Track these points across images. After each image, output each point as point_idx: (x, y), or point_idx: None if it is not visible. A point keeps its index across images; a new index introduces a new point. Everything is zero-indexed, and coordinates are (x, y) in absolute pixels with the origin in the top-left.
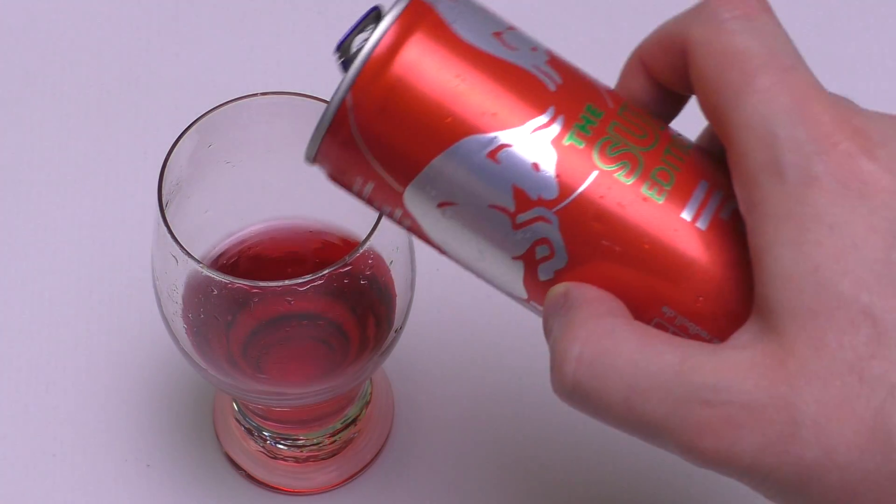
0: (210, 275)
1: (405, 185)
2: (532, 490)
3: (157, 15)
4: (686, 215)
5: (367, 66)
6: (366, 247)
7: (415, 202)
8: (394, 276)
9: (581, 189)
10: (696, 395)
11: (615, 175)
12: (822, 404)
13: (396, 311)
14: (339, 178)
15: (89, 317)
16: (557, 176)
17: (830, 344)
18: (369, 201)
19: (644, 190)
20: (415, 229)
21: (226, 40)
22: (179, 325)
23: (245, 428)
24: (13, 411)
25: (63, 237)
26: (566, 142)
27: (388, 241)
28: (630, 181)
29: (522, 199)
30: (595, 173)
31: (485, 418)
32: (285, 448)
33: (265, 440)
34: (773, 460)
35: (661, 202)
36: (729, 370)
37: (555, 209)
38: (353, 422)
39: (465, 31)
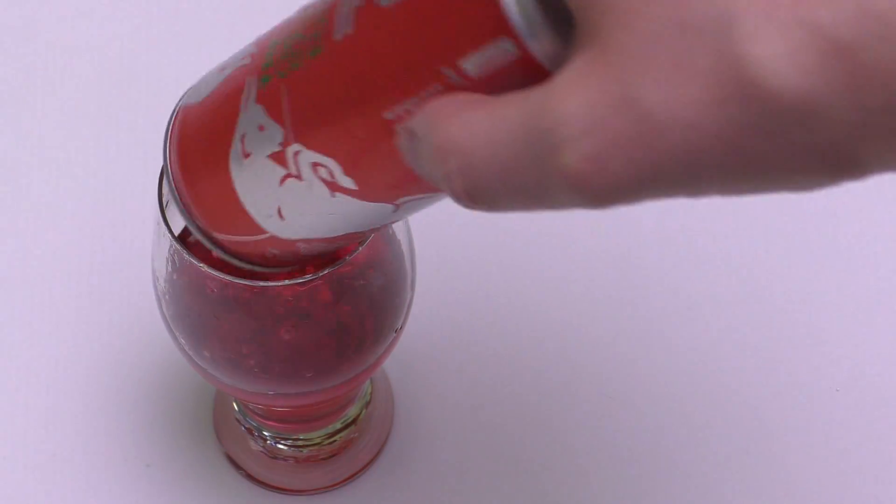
0: (210, 274)
1: None
2: (532, 490)
3: (157, 14)
4: None
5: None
6: (366, 246)
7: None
8: (394, 275)
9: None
10: (550, 145)
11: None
12: (659, 81)
13: (396, 310)
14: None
15: (89, 317)
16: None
17: (639, 14)
18: None
19: None
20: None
21: (226, 40)
22: (179, 324)
23: (245, 428)
24: (13, 411)
25: (63, 237)
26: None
27: (388, 240)
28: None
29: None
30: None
31: (485, 418)
32: (285, 448)
33: (265, 440)
34: (646, 166)
35: None
36: (564, 100)
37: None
38: (353, 422)
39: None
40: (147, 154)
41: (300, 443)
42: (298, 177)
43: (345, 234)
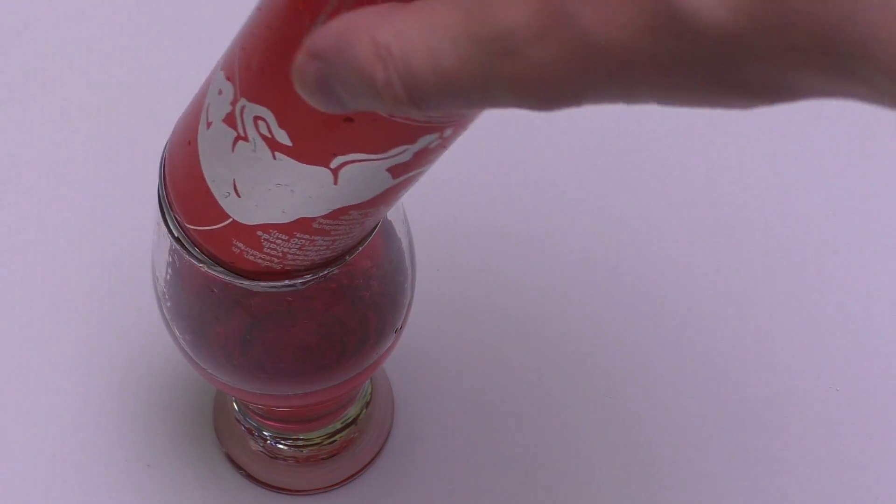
0: (210, 273)
1: None
2: (531, 490)
3: (157, 14)
4: None
5: None
6: (366, 246)
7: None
8: (394, 275)
9: None
10: (500, 52)
11: None
12: (595, 2)
13: (396, 310)
14: None
15: (89, 317)
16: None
17: None
18: None
19: None
20: None
21: (226, 39)
22: (179, 324)
23: (245, 428)
24: (13, 411)
25: (63, 237)
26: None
27: (389, 240)
28: None
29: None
30: None
31: (485, 418)
32: (285, 448)
33: (265, 440)
34: (587, 77)
35: None
36: (509, 9)
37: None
38: (353, 422)
39: None
40: (147, 154)
41: (300, 443)
42: (245, 137)
43: (298, 221)
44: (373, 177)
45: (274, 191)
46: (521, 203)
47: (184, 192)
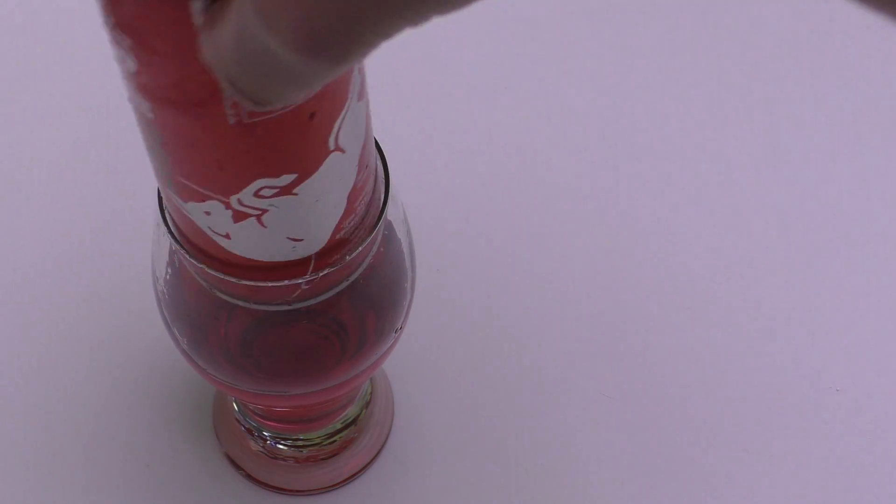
0: (210, 274)
1: None
2: (531, 490)
3: None
4: None
5: None
6: (365, 246)
7: None
8: (394, 275)
9: None
10: (259, 31)
11: None
12: None
13: (396, 310)
14: None
15: (89, 317)
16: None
17: None
18: None
19: None
20: None
21: None
22: (179, 324)
23: (245, 428)
24: (13, 411)
25: (63, 237)
26: None
27: (388, 240)
28: None
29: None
30: None
31: (485, 418)
32: (285, 448)
33: (265, 440)
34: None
35: None
36: None
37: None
38: (353, 422)
39: None
40: (147, 154)
41: (300, 443)
42: (263, 210)
43: (350, 195)
44: (356, 116)
45: (318, 207)
46: (522, 203)
47: (252, 277)
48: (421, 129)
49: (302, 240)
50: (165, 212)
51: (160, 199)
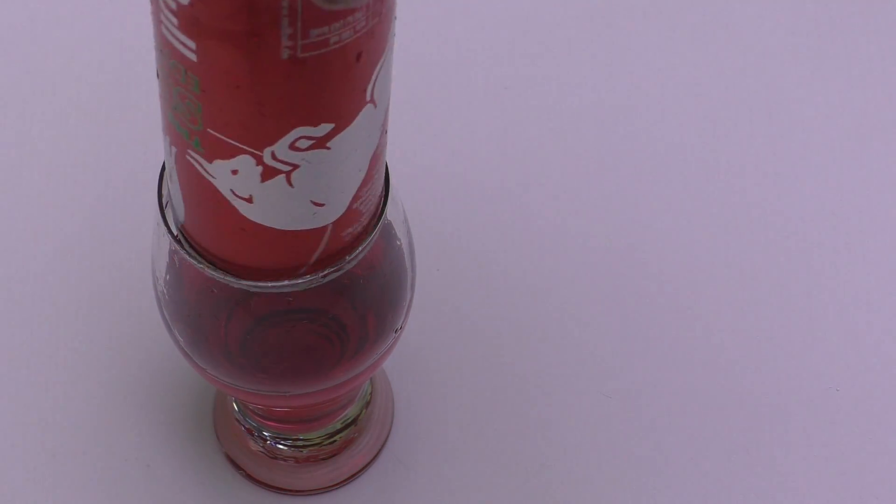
0: (210, 274)
1: None
2: (532, 490)
3: None
4: None
5: None
6: (367, 246)
7: None
8: (394, 275)
9: None
10: None
11: None
12: None
13: (396, 310)
14: None
15: (88, 316)
16: None
17: None
18: None
19: None
20: None
21: None
22: (179, 325)
23: (245, 428)
24: (13, 411)
25: (63, 237)
26: None
27: (389, 240)
28: None
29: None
30: None
31: (485, 418)
32: (285, 448)
33: (265, 440)
34: None
35: None
36: None
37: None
38: (353, 422)
39: None
40: (147, 154)
41: (300, 443)
42: (295, 166)
43: (372, 160)
44: (387, 72)
45: (346, 167)
46: (522, 203)
47: (257, 253)
48: (421, 129)
49: (324, 204)
50: (166, 211)
51: (160, 199)
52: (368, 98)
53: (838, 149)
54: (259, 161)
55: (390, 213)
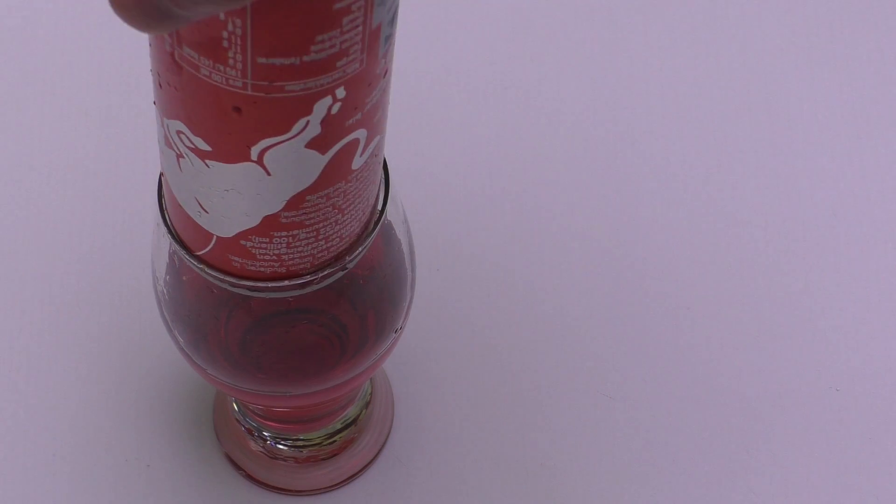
0: (210, 275)
1: None
2: (532, 490)
3: None
4: None
5: None
6: (366, 246)
7: None
8: (394, 275)
9: None
10: None
11: None
12: None
13: (396, 310)
14: None
15: (89, 317)
16: None
17: None
18: None
19: None
20: None
21: None
22: (179, 324)
23: (245, 428)
24: (13, 411)
25: (63, 237)
26: None
27: (389, 240)
28: None
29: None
30: None
31: (485, 418)
32: (285, 448)
33: (265, 440)
34: None
35: None
36: None
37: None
38: (353, 422)
39: None
40: (147, 154)
41: (300, 443)
42: (181, 154)
43: (265, 221)
44: (298, 158)
45: (226, 197)
46: (522, 203)
47: (177, 223)
48: (421, 129)
49: (208, 212)
50: (165, 212)
51: (160, 199)
52: (254, 158)
53: (838, 149)
54: (165, 131)
55: (390, 213)
